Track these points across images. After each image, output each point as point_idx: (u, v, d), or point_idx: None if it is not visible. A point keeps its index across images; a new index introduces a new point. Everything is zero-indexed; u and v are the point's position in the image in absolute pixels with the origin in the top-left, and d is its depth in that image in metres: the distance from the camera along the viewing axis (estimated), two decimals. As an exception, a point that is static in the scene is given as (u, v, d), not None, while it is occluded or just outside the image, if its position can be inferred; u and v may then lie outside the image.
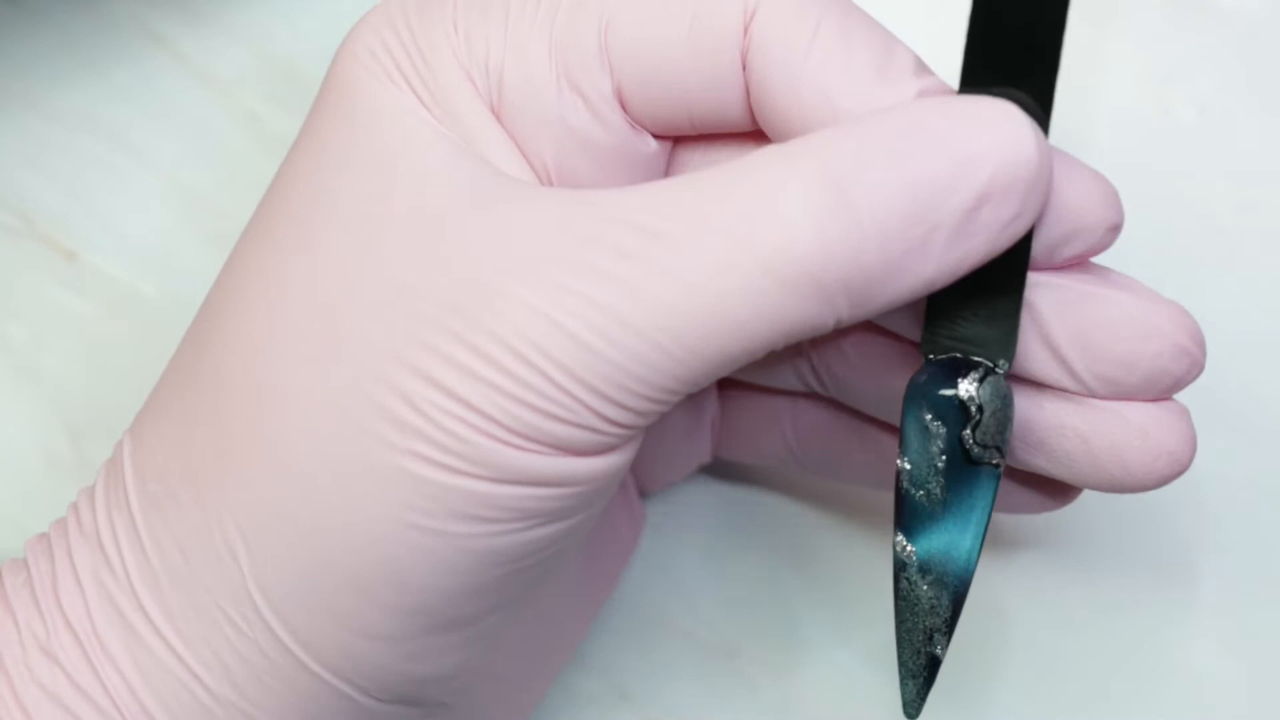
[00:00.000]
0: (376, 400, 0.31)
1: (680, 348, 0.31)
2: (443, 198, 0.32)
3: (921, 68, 0.33)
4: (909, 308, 0.34)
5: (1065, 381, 0.34)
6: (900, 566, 0.34)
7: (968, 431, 0.33)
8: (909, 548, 0.34)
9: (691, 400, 0.40)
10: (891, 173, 0.31)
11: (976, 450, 0.33)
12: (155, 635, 0.33)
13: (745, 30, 0.33)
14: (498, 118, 0.33)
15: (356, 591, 0.32)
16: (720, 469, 0.43)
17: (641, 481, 0.41)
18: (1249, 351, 0.43)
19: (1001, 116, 0.31)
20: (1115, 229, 0.33)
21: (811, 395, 0.39)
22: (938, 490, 0.33)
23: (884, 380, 0.36)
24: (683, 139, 0.35)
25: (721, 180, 0.31)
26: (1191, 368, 0.33)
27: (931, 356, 0.34)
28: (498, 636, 0.35)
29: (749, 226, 0.30)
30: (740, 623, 0.43)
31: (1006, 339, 0.33)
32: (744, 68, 0.33)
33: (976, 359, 0.33)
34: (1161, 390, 0.33)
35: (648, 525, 0.43)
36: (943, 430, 0.33)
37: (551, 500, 0.32)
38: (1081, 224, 0.33)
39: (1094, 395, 0.34)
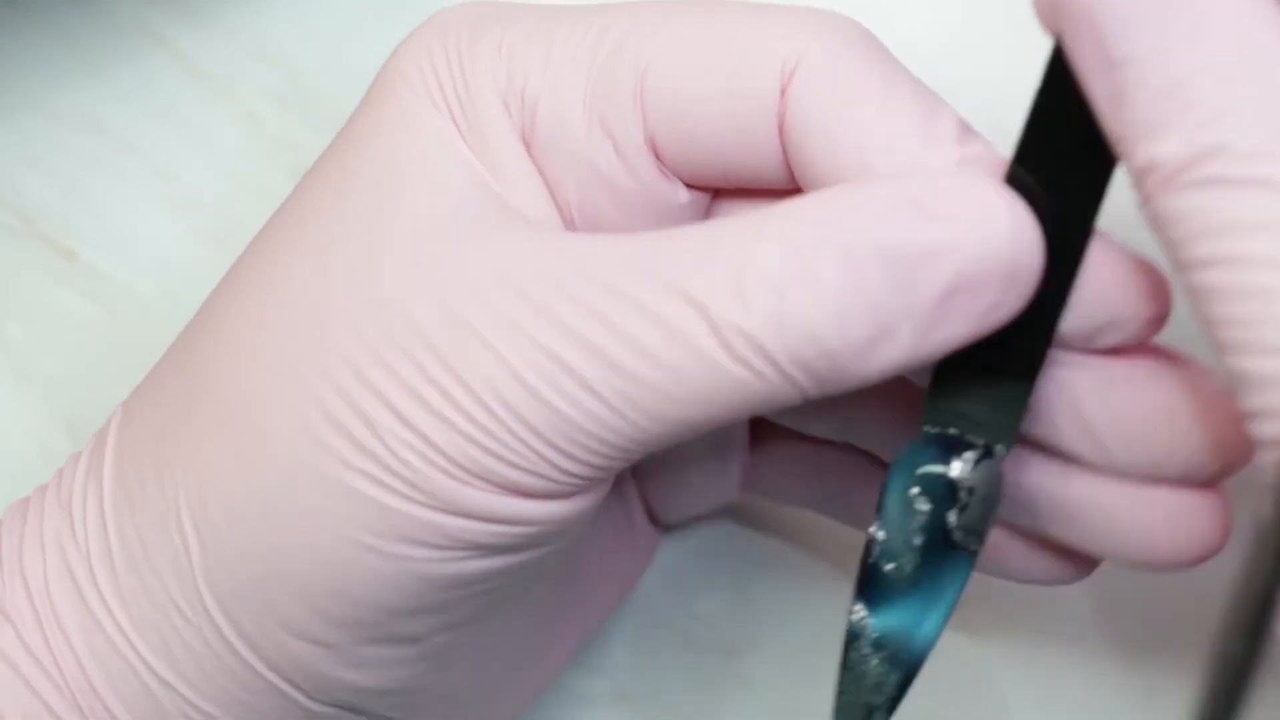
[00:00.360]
0: (338, 418, 0.32)
1: (639, 414, 0.31)
2: (448, 226, 0.32)
3: (966, 133, 0.32)
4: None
5: (1099, 462, 0.33)
6: (853, 636, 0.33)
7: (953, 514, 0.32)
8: (867, 619, 0.33)
9: (717, 436, 0.39)
10: (862, 255, 0.30)
11: (958, 534, 0.32)
12: (106, 613, 0.34)
13: (783, 91, 0.32)
14: (529, 149, 0.33)
15: (300, 598, 0.32)
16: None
17: (659, 510, 0.41)
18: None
19: (979, 203, 0.30)
20: (1157, 320, 0.32)
21: (845, 445, 0.38)
22: (909, 567, 0.33)
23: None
24: (721, 191, 0.35)
25: (698, 242, 0.31)
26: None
27: (928, 429, 0.33)
28: (448, 657, 0.34)
29: (708, 298, 0.30)
30: (740, 623, 0.43)
31: (1010, 425, 0.32)
32: (780, 128, 0.33)
33: (974, 440, 0.32)
34: (1200, 480, 0.33)
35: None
36: (926, 508, 0.32)
37: (501, 536, 0.32)
38: (1118, 315, 0.32)
39: (1127, 477, 0.33)
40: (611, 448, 0.31)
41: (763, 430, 0.39)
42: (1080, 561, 0.36)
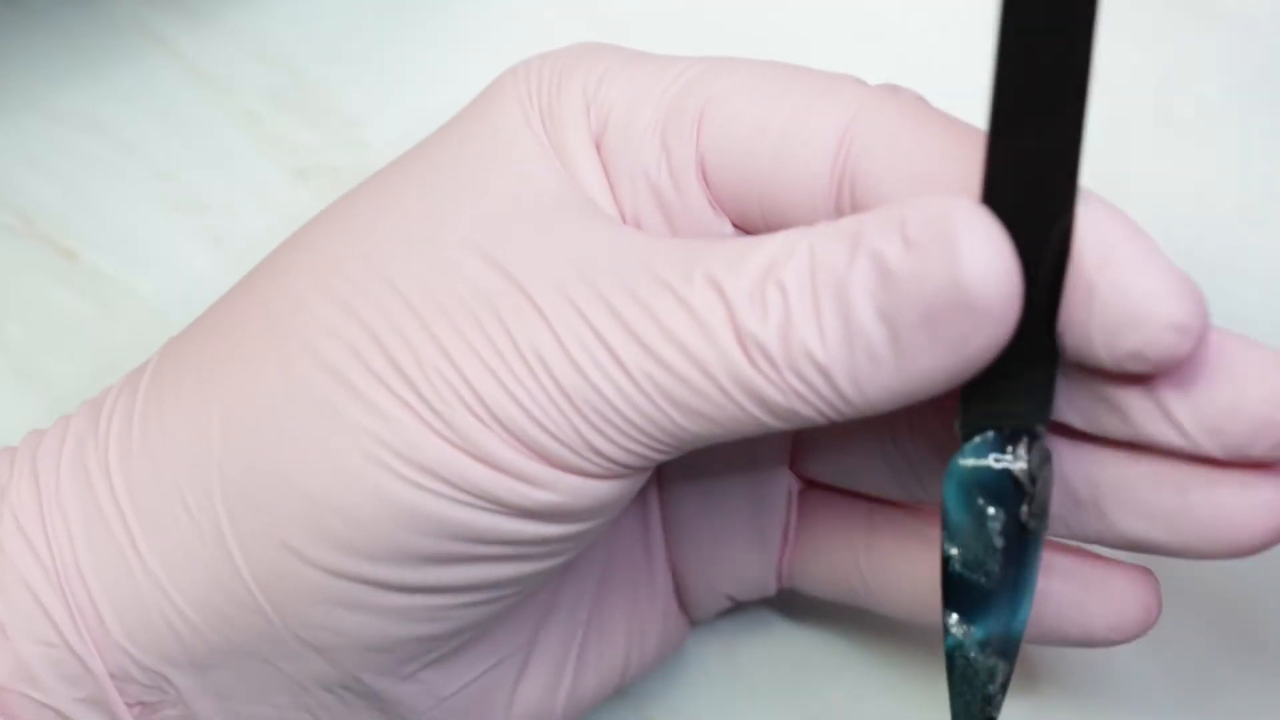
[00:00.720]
0: (386, 345, 0.33)
1: (665, 400, 0.32)
2: (517, 203, 0.34)
3: None
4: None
5: (1171, 436, 0.33)
6: (956, 646, 0.34)
7: (1024, 507, 0.33)
8: (968, 629, 0.33)
9: (757, 506, 0.39)
10: (851, 280, 0.31)
11: (1032, 523, 0.33)
12: (111, 499, 0.35)
13: (841, 134, 0.33)
14: (598, 150, 0.35)
15: (307, 510, 0.33)
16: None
17: (692, 597, 0.40)
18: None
19: (947, 232, 0.30)
20: (1177, 329, 0.31)
21: (891, 505, 0.39)
22: (996, 569, 0.33)
23: None
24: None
25: (740, 246, 0.32)
26: None
27: (975, 438, 0.33)
28: (432, 632, 0.35)
29: (735, 298, 0.32)
30: (740, 623, 0.43)
31: (1043, 405, 0.33)
32: (835, 168, 0.33)
33: (1018, 428, 0.33)
34: (1271, 443, 0.32)
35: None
36: (1001, 514, 0.33)
37: (518, 495, 0.33)
38: (1133, 316, 0.31)
39: (1200, 449, 0.33)
40: (640, 433, 0.32)
41: (808, 496, 0.40)
42: (1139, 603, 0.36)
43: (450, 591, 0.34)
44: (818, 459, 0.39)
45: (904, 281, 0.31)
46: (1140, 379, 0.32)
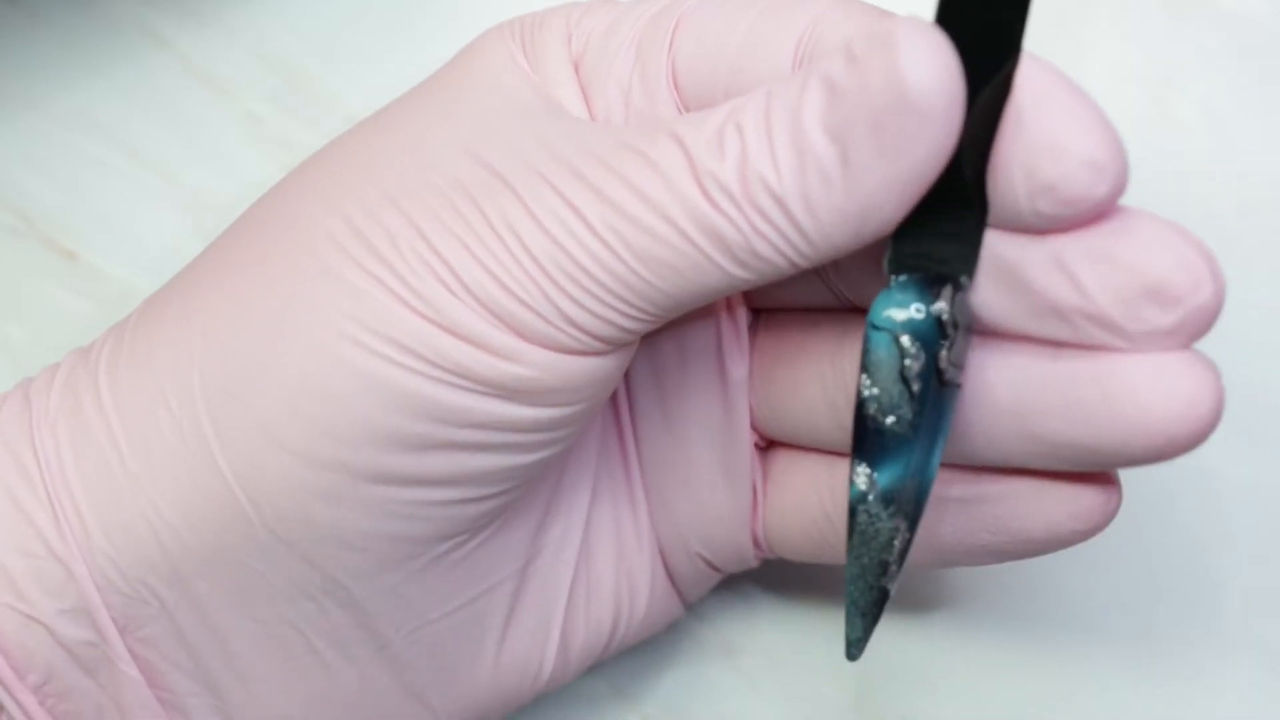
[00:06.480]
0: (360, 228, 0.34)
1: (632, 255, 0.33)
2: (497, 111, 0.35)
3: None
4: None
5: (1073, 298, 0.33)
6: (859, 499, 0.33)
7: (944, 352, 0.33)
8: (873, 478, 0.33)
9: (723, 455, 0.39)
10: (802, 108, 0.32)
11: (950, 371, 0.33)
12: (96, 405, 0.35)
13: (802, 35, 0.34)
14: (577, 71, 0.36)
15: (279, 390, 0.34)
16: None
17: (671, 553, 0.40)
18: (1250, 353, 0.43)
19: (887, 41, 0.31)
20: (1094, 166, 0.32)
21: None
22: (909, 415, 0.33)
23: None
24: None
25: (702, 113, 0.33)
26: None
27: (901, 276, 0.33)
28: (402, 541, 0.35)
29: (694, 146, 0.33)
30: (740, 622, 0.43)
31: (971, 253, 0.33)
32: (794, 70, 0.34)
33: (946, 273, 0.33)
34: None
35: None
36: (922, 354, 0.33)
37: (493, 369, 0.33)
38: (1054, 146, 0.32)
39: (1101, 314, 0.32)
40: (610, 295, 0.33)
41: (773, 452, 0.39)
42: (1097, 488, 0.35)
43: (428, 485, 0.34)
44: (772, 413, 0.39)
45: (849, 94, 0.31)
46: (1050, 246, 0.32)
